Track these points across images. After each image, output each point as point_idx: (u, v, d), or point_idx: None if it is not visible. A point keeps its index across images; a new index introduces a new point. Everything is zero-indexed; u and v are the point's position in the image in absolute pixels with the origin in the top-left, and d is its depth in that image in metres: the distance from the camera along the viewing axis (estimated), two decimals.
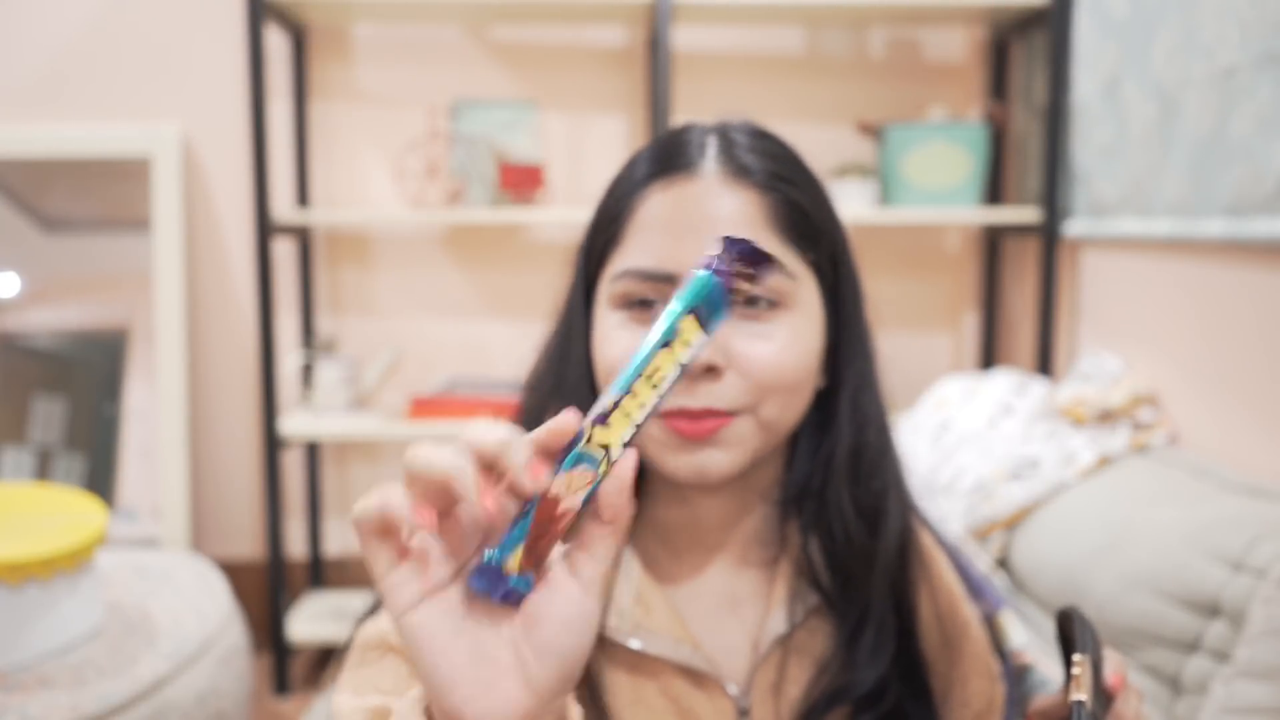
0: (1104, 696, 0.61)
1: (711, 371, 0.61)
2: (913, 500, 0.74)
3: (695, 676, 0.67)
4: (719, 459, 0.63)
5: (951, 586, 0.74)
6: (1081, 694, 0.58)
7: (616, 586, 0.67)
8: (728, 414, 0.62)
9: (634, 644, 0.66)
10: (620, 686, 0.66)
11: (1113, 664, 0.61)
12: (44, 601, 1.40)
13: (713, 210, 0.62)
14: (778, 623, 0.68)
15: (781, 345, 0.63)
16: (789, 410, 0.65)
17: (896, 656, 0.68)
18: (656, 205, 0.63)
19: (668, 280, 0.62)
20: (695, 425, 0.62)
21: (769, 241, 0.63)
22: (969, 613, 0.74)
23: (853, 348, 0.69)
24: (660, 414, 0.61)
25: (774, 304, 0.63)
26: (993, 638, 0.76)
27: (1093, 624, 0.62)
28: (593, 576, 0.43)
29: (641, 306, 0.64)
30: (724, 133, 0.67)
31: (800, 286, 0.64)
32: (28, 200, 2.29)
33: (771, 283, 0.62)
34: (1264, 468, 1.43)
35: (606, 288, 0.66)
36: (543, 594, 0.43)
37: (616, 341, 0.64)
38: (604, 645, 0.66)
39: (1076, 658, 0.59)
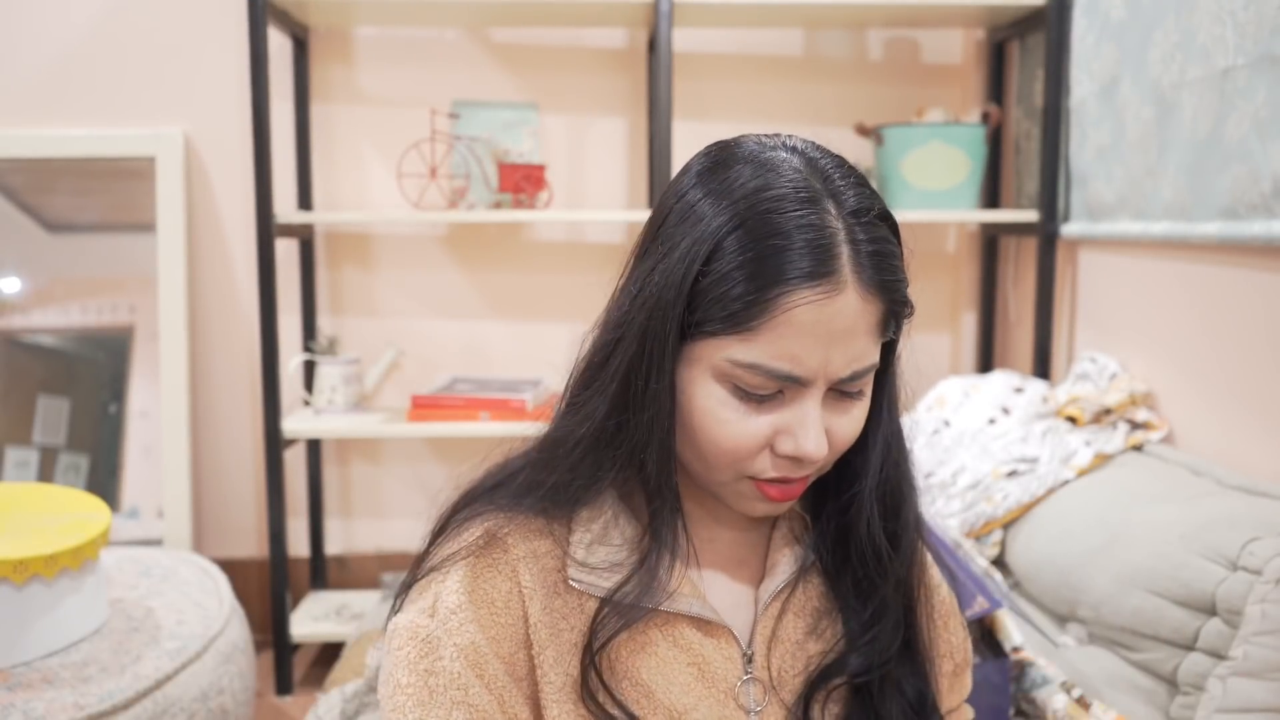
0: None
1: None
2: (918, 489, 0.78)
3: (705, 625, 0.71)
4: (789, 504, 0.71)
5: (923, 551, 0.80)
6: None
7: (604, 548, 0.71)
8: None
9: (650, 604, 0.70)
10: (628, 638, 0.70)
11: None
12: (48, 600, 1.41)
13: (849, 323, 0.64)
14: (775, 579, 0.74)
15: (859, 417, 0.69)
16: None
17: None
18: (803, 314, 0.63)
19: (793, 381, 0.64)
20: (787, 491, 0.68)
21: (875, 341, 0.66)
22: (936, 575, 0.80)
23: (887, 379, 0.73)
24: (752, 478, 0.67)
25: (863, 388, 0.69)
26: (993, 636, 0.79)
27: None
28: None
29: (759, 398, 0.65)
30: (851, 229, 0.64)
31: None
32: (32, 201, 2.30)
33: (868, 374, 0.67)
34: (1260, 466, 1.44)
35: (720, 363, 0.65)
36: None
37: (728, 423, 0.65)
38: (614, 605, 0.69)
39: None
